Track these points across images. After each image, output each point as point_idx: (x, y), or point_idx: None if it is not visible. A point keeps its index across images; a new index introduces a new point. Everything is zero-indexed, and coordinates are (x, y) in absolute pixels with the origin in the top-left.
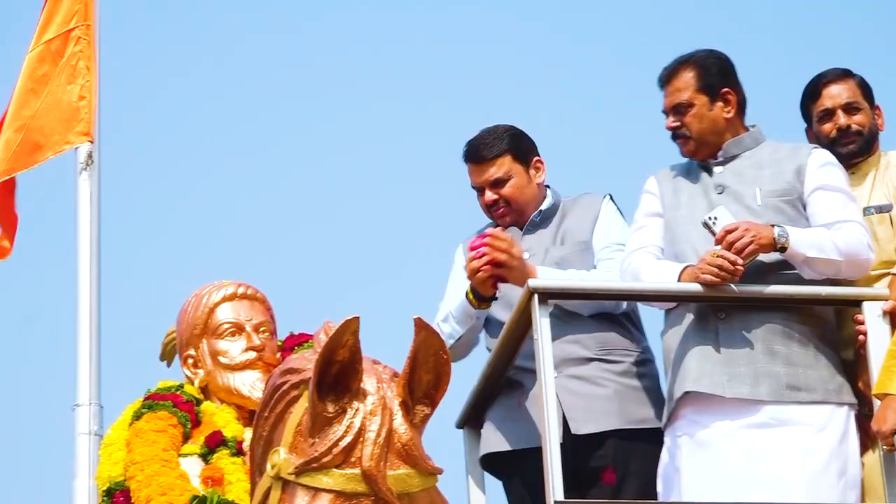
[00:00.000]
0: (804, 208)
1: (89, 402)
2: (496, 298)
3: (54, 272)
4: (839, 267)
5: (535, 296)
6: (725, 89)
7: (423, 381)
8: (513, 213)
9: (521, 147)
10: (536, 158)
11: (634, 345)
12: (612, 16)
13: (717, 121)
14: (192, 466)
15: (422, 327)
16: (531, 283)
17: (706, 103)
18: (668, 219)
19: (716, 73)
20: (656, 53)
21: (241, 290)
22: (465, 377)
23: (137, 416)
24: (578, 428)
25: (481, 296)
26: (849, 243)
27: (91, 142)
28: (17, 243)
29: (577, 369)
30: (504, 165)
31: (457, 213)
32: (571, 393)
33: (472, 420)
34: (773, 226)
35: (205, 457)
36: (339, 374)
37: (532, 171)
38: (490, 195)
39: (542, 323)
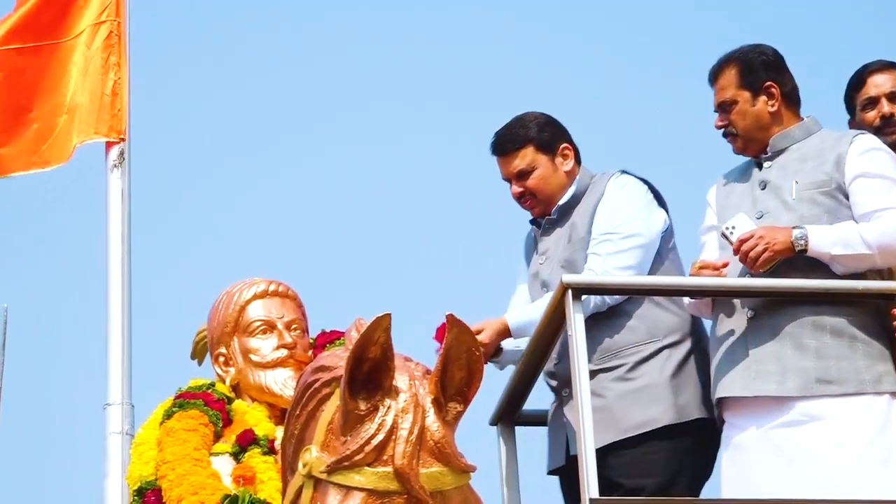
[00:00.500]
0: (847, 198)
1: (121, 402)
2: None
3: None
4: (873, 260)
5: (569, 291)
6: (768, 83)
7: (455, 378)
8: (540, 204)
9: (544, 136)
10: (564, 146)
11: (645, 335)
12: (613, 15)
13: (762, 116)
14: (224, 465)
15: (454, 324)
16: (565, 278)
17: (748, 99)
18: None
19: (759, 68)
20: (658, 53)
21: (272, 288)
22: (499, 374)
23: (168, 415)
24: (575, 448)
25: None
26: (883, 234)
27: (123, 140)
28: (44, 225)
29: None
30: (527, 157)
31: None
32: (573, 410)
33: (505, 417)
34: (794, 227)
35: (236, 455)
36: (370, 372)
37: (559, 160)
38: (515, 188)
39: (575, 319)
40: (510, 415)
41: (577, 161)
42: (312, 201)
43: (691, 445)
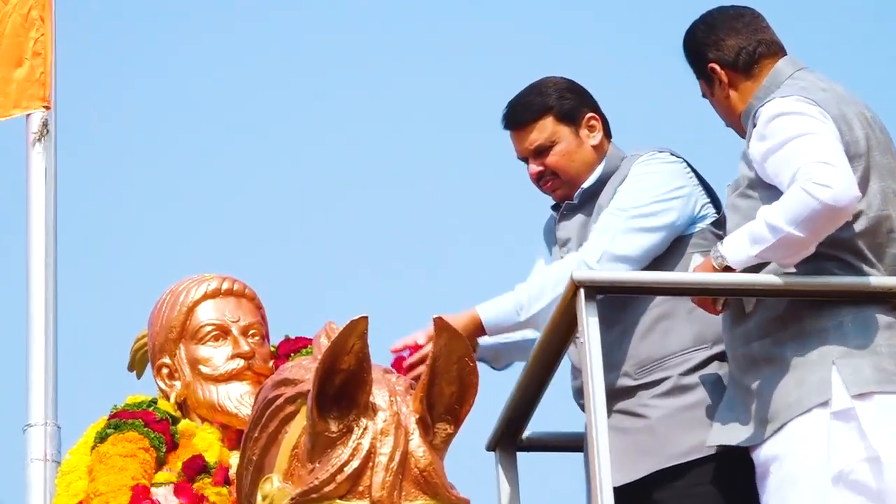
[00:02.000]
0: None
1: (44, 422)
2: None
3: (1, 265)
4: (794, 238)
5: (581, 290)
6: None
7: (444, 394)
8: (564, 186)
9: (565, 104)
10: (590, 115)
11: (691, 342)
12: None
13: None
14: (168, 498)
15: (443, 329)
16: (576, 275)
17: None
18: None
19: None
20: (660, 52)
21: (225, 286)
22: (496, 388)
23: (101, 438)
24: (613, 479)
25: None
26: (787, 208)
27: (47, 108)
28: None
29: (623, 403)
30: (546, 129)
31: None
32: (618, 431)
33: (505, 440)
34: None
35: None
36: (343, 386)
37: (584, 132)
38: (534, 167)
39: (588, 322)
40: (511, 438)
41: (607, 135)
42: (272, 184)
43: (748, 473)
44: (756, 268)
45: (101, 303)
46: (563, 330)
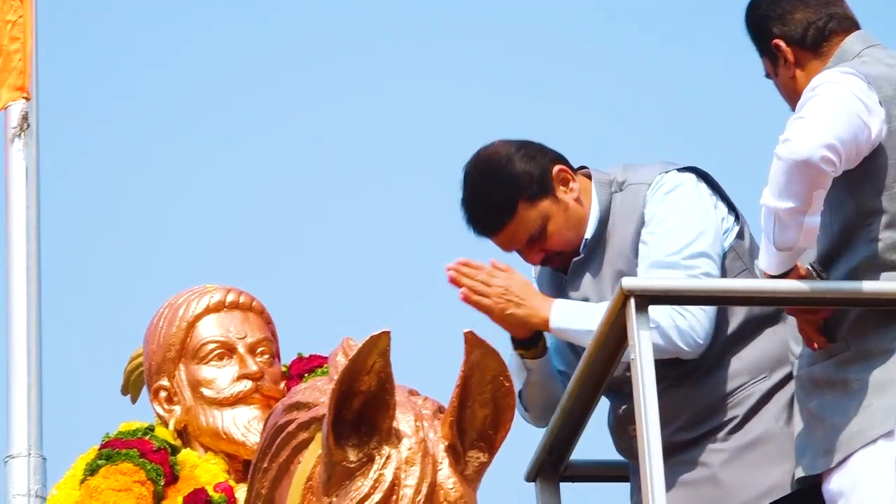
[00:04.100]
0: None
1: (27, 453)
2: (540, 340)
3: None
4: (788, 209)
5: (632, 300)
6: None
7: (477, 418)
8: (569, 254)
9: (531, 180)
10: (556, 170)
11: (748, 375)
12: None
13: None
14: None
15: (475, 345)
16: (625, 283)
17: None
18: None
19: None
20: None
21: (230, 298)
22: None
23: (92, 471)
24: None
25: (520, 341)
26: (769, 182)
27: (27, 99)
28: None
29: (680, 454)
30: (527, 218)
31: None
32: (666, 484)
33: (546, 470)
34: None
35: None
36: (363, 410)
37: (561, 191)
38: (534, 256)
39: (640, 336)
40: (553, 467)
41: (577, 172)
42: (284, 182)
43: None
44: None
45: (90, 317)
46: (611, 344)
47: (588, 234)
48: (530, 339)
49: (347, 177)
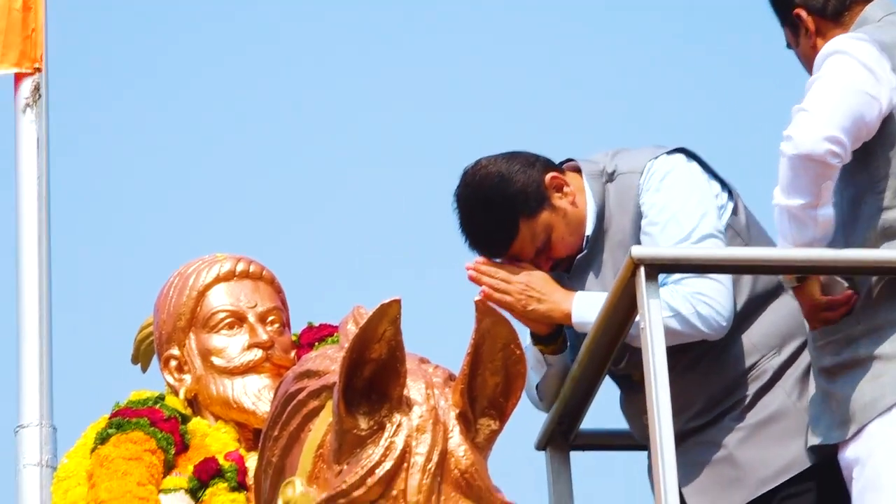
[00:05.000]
0: None
1: (38, 423)
2: (561, 337)
3: None
4: (797, 205)
5: (642, 269)
6: None
7: (488, 386)
8: (573, 256)
9: (526, 196)
10: (549, 178)
11: (758, 353)
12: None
13: None
14: None
15: (486, 313)
16: (635, 252)
17: None
18: None
19: None
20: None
21: (240, 267)
22: None
23: (102, 440)
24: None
25: (541, 336)
26: (778, 179)
27: (39, 70)
28: None
29: (696, 437)
30: (530, 234)
31: None
32: (682, 465)
33: (557, 438)
34: None
35: (194, 493)
36: (373, 378)
37: (557, 198)
38: (544, 264)
39: (650, 305)
40: (563, 436)
41: (566, 168)
42: (293, 152)
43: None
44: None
45: (100, 287)
46: (621, 314)
47: (588, 231)
48: (551, 334)
49: (359, 146)
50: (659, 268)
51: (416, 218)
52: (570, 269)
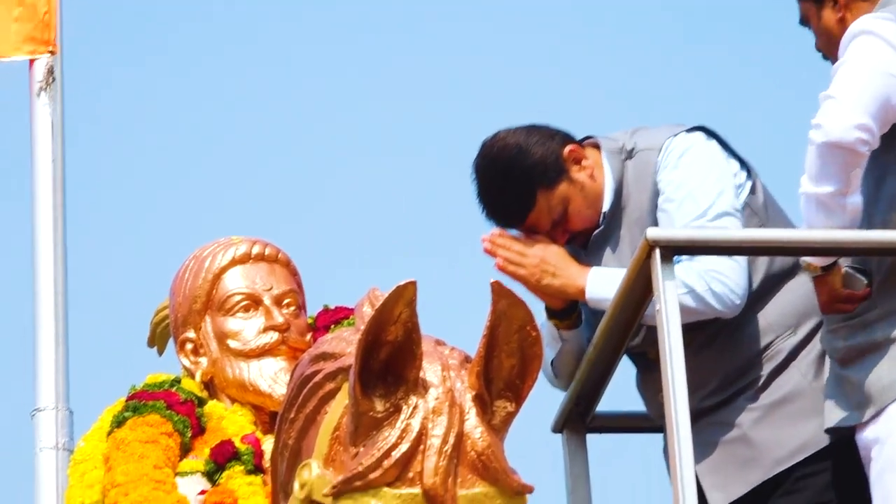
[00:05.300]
0: None
1: (54, 406)
2: (576, 312)
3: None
4: (827, 193)
5: (657, 251)
6: None
7: (504, 368)
8: (591, 229)
9: (545, 167)
10: (568, 150)
11: (774, 332)
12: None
13: None
14: (194, 488)
15: (501, 294)
16: (650, 234)
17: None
18: None
19: None
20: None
21: (256, 250)
22: None
23: (119, 423)
24: (713, 500)
25: (555, 311)
26: (805, 167)
27: (53, 53)
28: None
29: (711, 417)
30: (547, 205)
31: None
32: (696, 445)
33: (573, 421)
34: None
35: (211, 475)
36: (389, 360)
37: (575, 170)
38: (560, 237)
39: (665, 287)
40: (580, 418)
41: (585, 145)
42: (308, 136)
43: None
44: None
45: (116, 270)
46: (636, 296)
47: (605, 207)
48: (565, 309)
49: (374, 127)
50: (674, 250)
51: (433, 200)
52: (587, 245)
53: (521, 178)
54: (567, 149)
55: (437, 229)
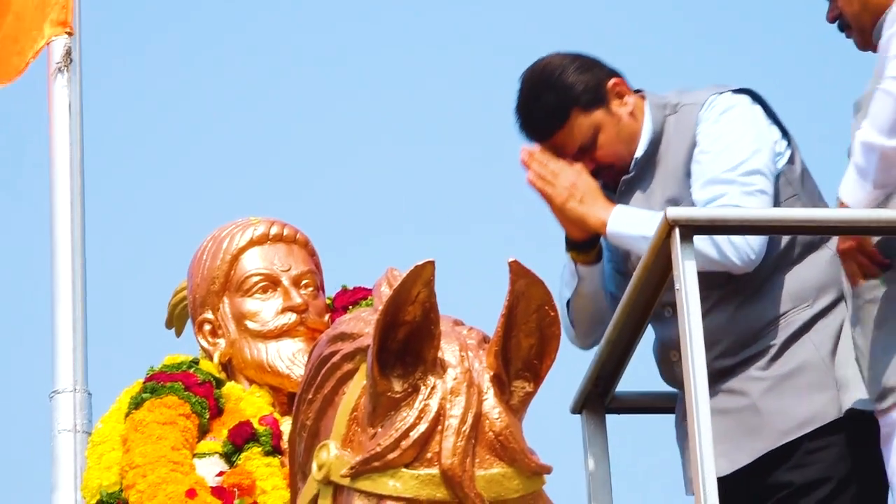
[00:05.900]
0: None
1: (73, 388)
2: (596, 249)
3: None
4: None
5: (677, 230)
6: None
7: (522, 348)
8: (619, 171)
9: (585, 88)
10: (613, 83)
11: (790, 303)
12: None
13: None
14: (212, 469)
15: (520, 274)
16: (670, 214)
17: None
18: None
19: None
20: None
21: (274, 231)
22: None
23: (137, 404)
24: (718, 467)
25: (575, 243)
26: (874, 117)
27: (70, 34)
28: None
29: (721, 382)
30: (579, 127)
31: None
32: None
33: (592, 401)
34: None
35: (229, 457)
36: (407, 340)
37: (615, 104)
38: (585, 164)
39: (685, 267)
40: (599, 399)
41: (633, 90)
42: (325, 115)
43: (868, 435)
44: None
45: (134, 252)
46: (656, 275)
47: (639, 153)
48: (586, 242)
49: (394, 105)
50: (694, 229)
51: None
52: (616, 190)
53: (559, 92)
54: (613, 80)
55: (456, 208)
